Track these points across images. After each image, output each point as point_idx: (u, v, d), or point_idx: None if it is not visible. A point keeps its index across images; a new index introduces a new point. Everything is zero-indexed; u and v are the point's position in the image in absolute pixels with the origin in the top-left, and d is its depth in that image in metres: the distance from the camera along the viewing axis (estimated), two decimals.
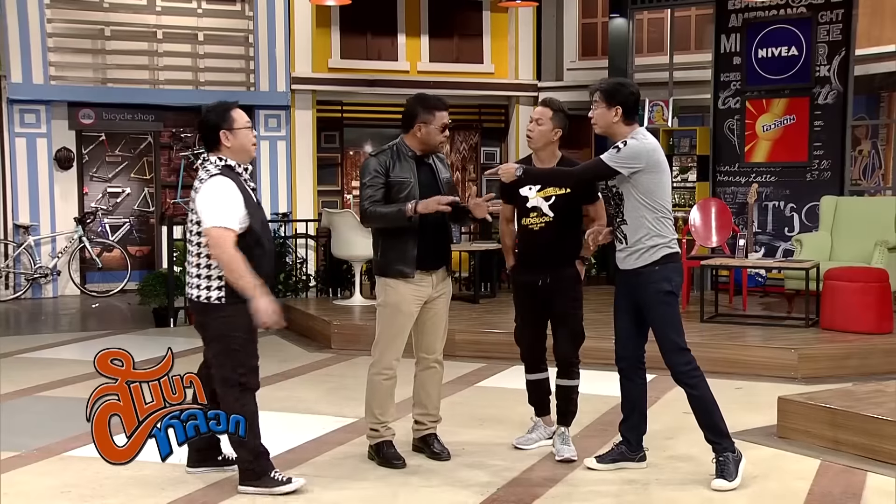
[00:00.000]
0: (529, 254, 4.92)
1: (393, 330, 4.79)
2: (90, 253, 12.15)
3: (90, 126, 12.19)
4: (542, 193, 4.82)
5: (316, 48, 12.75)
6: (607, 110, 4.46)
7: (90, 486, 4.51)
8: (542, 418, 5.16)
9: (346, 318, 8.85)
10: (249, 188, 4.46)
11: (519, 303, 5.06)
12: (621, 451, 4.72)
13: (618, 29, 11.56)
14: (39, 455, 4.96)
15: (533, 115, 4.90)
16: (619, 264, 4.66)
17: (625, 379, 4.74)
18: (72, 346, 8.49)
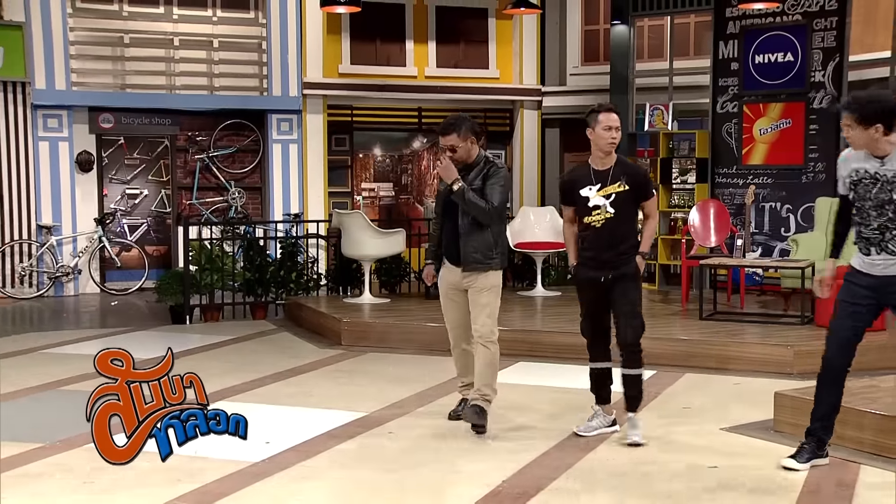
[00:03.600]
0: (594, 249, 5.14)
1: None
2: (109, 252, 12.32)
3: (110, 130, 12.36)
4: (601, 192, 5.09)
5: (327, 54, 12.92)
6: (865, 130, 4.31)
7: (112, 478, 4.51)
8: (602, 407, 5.34)
9: (356, 315, 8.94)
10: None
11: (583, 298, 5.30)
12: (812, 448, 4.65)
13: (619, 35, 11.70)
14: (63, 447, 5.00)
15: (612, 125, 5.14)
16: (877, 272, 4.44)
17: (833, 381, 4.58)
18: (92, 342, 8.58)
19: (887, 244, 4.36)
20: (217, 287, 9.95)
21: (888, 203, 4.33)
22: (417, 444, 5.21)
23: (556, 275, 11.20)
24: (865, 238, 4.43)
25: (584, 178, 5.18)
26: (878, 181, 4.35)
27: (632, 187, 5.09)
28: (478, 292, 5.39)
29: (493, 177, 5.35)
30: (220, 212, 12.94)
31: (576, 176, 5.28)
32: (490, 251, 5.37)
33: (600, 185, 5.11)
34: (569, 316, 8.74)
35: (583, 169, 5.25)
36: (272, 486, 4.49)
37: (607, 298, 5.18)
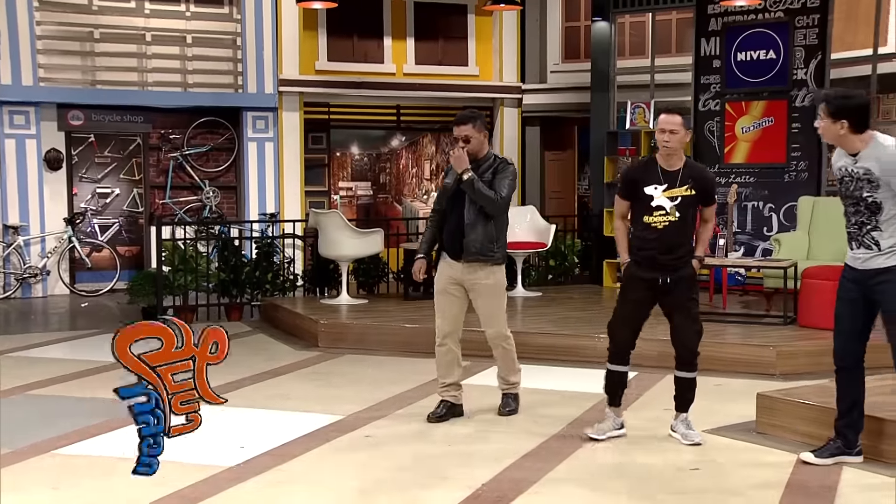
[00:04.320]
0: (651, 250, 5.05)
1: None
2: (79, 253, 12.15)
3: (79, 127, 12.20)
4: (667, 193, 5.00)
5: (303, 51, 12.81)
6: (833, 124, 4.44)
7: (80, 483, 4.54)
8: (614, 409, 5.28)
9: (333, 316, 8.88)
10: None
11: (628, 297, 5.18)
12: (838, 445, 4.70)
13: (600, 32, 11.67)
14: (29, 452, 4.96)
15: (665, 126, 5.03)
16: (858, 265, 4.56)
17: (845, 377, 4.67)
18: (61, 345, 8.52)
19: (863, 239, 4.49)
20: (191, 288, 9.88)
21: (860, 200, 4.46)
22: (395, 448, 5.18)
23: (537, 275, 11.11)
24: (848, 233, 4.58)
25: (651, 175, 5.07)
26: (853, 179, 4.48)
27: (698, 192, 5.03)
28: (484, 294, 5.56)
29: (503, 171, 5.52)
30: (194, 211, 12.79)
31: (642, 172, 5.17)
32: (491, 244, 5.50)
33: (667, 185, 5.02)
34: (549, 317, 8.72)
35: (650, 166, 5.13)
36: (247, 491, 4.47)
37: (658, 301, 5.13)
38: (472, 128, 5.50)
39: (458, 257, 5.53)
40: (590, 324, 8.41)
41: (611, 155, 11.32)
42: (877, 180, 4.38)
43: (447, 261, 5.61)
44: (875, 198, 4.40)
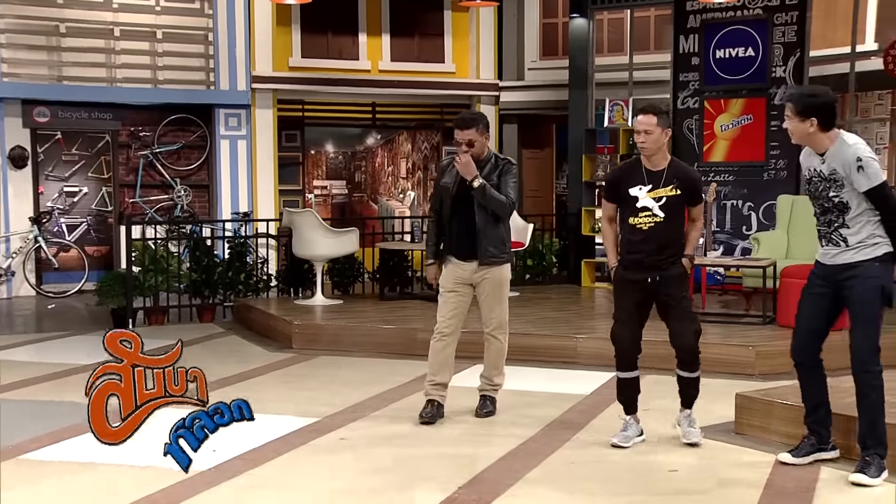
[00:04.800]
0: (638, 252, 4.99)
1: None
2: (46, 253, 11.96)
3: (45, 124, 11.99)
4: (652, 194, 4.94)
5: (276, 47, 12.66)
6: (801, 123, 4.45)
7: (51, 491, 4.46)
8: (632, 416, 5.19)
9: (308, 317, 8.80)
10: None
11: (623, 301, 5.10)
12: (812, 442, 4.72)
13: (578, 29, 11.61)
14: None
15: (639, 127, 4.97)
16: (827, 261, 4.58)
17: (806, 374, 4.71)
18: (27, 348, 8.38)
19: (832, 236, 4.53)
20: (162, 289, 9.76)
21: (828, 200, 4.51)
22: (371, 450, 5.13)
23: (515, 275, 11.00)
24: (818, 231, 4.63)
25: (634, 176, 5.02)
26: (822, 179, 4.51)
27: (684, 192, 4.96)
28: (490, 290, 5.59)
29: (508, 173, 5.53)
30: (164, 210, 12.61)
31: (625, 173, 5.12)
32: (504, 245, 5.58)
33: (652, 186, 4.96)
34: (527, 317, 8.65)
35: (634, 167, 5.08)
36: (220, 496, 4.42)
37: (652, 302, 5.07)
38: (475, 131, 5.47)
39: (469, 258, 5.54)
40: (568, 324, 8.36)
41: (589, 153, 11.26)
42: (842, 180, 4.42)
43: (455, 262, 5.60)
44: (841, 198, 4.45)
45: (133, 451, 5.00)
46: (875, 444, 4.51)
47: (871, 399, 4.51)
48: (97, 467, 4.75)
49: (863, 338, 4.50)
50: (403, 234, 11.43)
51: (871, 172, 4.39)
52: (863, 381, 4.51)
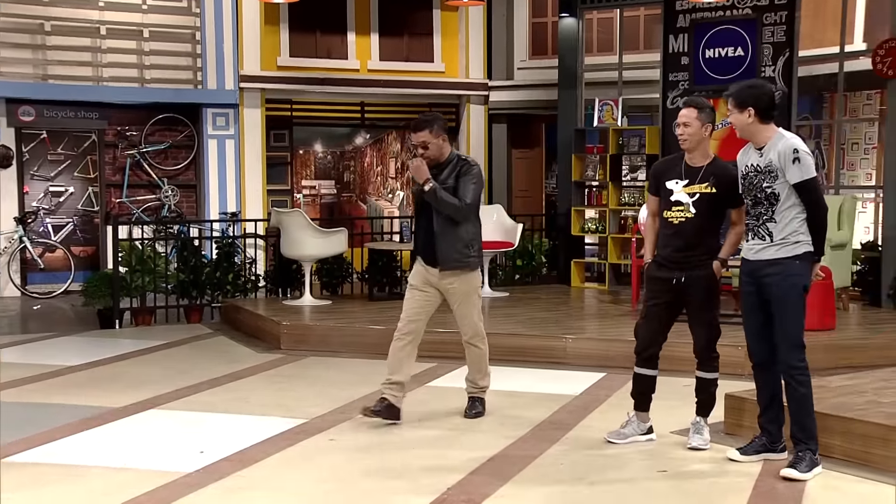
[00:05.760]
0: (667, 247, 4.98)
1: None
2: (31, 253, 11.84)
3: (31, 123, 11.87)
4: (687, 189, 4.92)
5: (264, 46, 12.58)
6: (741, 114, 4.57)
7: (34, 493, 4.43)
8: (638, 414, 5.18)
9: (296, 318, 8.76)
10: None
11: (649, 298, 5.11)
12: (763, 442, 4.78)
13: (568, 28, 11.60)
14: None
15: (679, 119, 4.95)
16: (751, 256, 4.65)
17: (760, 373, 4.76)
18: (12, 349, 8.29)
19: (759, 229, 4.61)
20: (149, 289, 9.72)
21: (761, 191, 4.58)
22: (360, 451, 5.11)
23: (504, 275, 11.01)
24: (746, 226, 4.72)
25: (673, 170, 5.02)
26: (757, 172, 4.60)
27: (719, 191, 4.88)
28: (460, 299, 5.52)
29: (467, 174, 5.40)
30: (152, 210, 12.52)
31: (666, 166, 5.12)
32: (467, 249, 5.44)
33: (688, 181, 4.93)
34: (517, 318, 8.63)
35: (676, 160, 5.06)
36: (207, 498, 4.38)
37: (679, 302, 5.02)
38: (428, 133, 5.39)
39: (433, 264, 5.48)
40: (557, 324, 8.34)
41: (578, 153, 11.25)
42: (776, 171, 4.51)
43: (422, 264, 5.56)
44: (774, 188, 4.53)
45: (120, 454, 5.00)
46: (806, 438, 4.58)
47: (798, 394, 4.57)
48: (84, 469, 4.73)
49: (785, 335, 4.56)
50: (392, 234, 11.39)
51: (805, 165, 4.49)
52: (788, 377, 4.59)
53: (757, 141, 4.61)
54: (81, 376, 7.11)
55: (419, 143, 5.41)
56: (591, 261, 11.55)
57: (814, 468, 4.53)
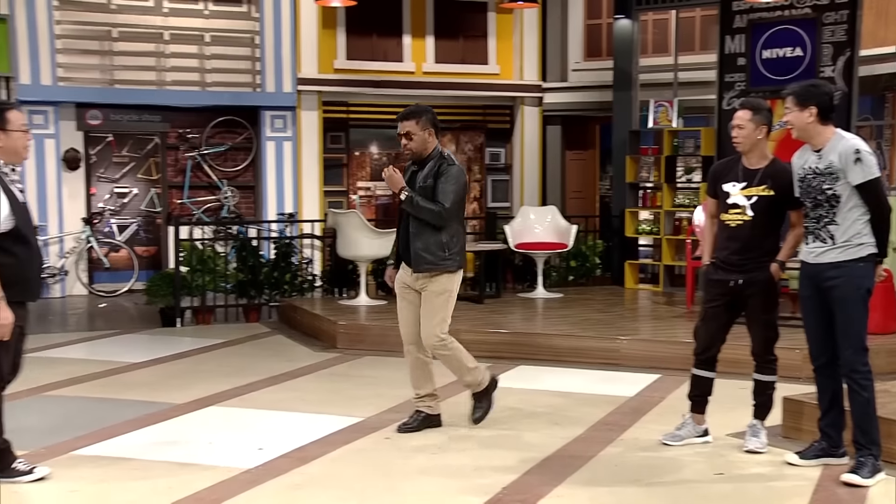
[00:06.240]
0: (724, 249, 4.94)
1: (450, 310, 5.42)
2: (97, 253, 12.11)
3: (98, 127, 12.15)
4: (744, 192, 4.88)
5: (322, 49, 12.73)
6: (801, 112, 4.54)
7: (99, 486, 4.53)
8: (694, 415, 5.16)
9: (352, 317, 8.82)
10: (16, 188, 4.49)
11: (707, 300, 5.10)
12: (822, 446, 4.73)
13: (622, 30, 11.55)
14: (46, 454, 4.95)
15: (734, 122, 4.94)
16: (811, 259, 4.61)
17: (822, 376, 4.70)
18: (79, 346, 8.50)
19: (820, 232, 4.54)
20: (209, 289, 9.86)
21: (821, 193, 4.52)
22: (415, 450, 5.12)
23: (558, 276, 11.00)
24: (806, 228, 4.66)
25: (731, 172, 4.98)
26: (817, 174, 4.55)
27: (777, 193, 4.84)
28: (428, 298, 5.28)
29: (444, 175, 5.19)
30: (211, 211, 12.73)
31: (723, 168, 5.08)
32: (442, 251, 5.23)
33: (746, 183, 4.90)
34: (570, 319, 8.64)
35: (734, 162, 5.03)
36: (265, 494, 4.44)
37: (738, 305, 4.99)
38: (414, 124, 5.21)
39: (409, 264, 5.33)
40: (612, 326, 8.32)
41: (633, 154, 11.20)
42: (837, 172, 4.45)
43: (403, 266, 5.41)
44: (835, 190, 4.47)
45: (181, 450, 5.13)
46: (868, 443, 4.51)
47: (860, 399, 4.51)
48: (148, 464, 4.84)
49: (847, 339, 4.50)
50: None
51: (867, 165, 4.42)
52: (851, 381, 4.52)
53: (815, 142, 4.56)
54: (144, 373, 7.26)
55: (403, 133, 5.23)
56: (645, 262, 11.49)
57: (876, 474, 4.46)
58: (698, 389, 5.14)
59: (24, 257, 4.37)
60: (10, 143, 4.40)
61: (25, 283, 4.41)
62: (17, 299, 4.37)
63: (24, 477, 4.50)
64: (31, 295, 4.49)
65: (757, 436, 5.03)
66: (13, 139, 4.40)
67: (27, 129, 4.48)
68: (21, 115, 4.47)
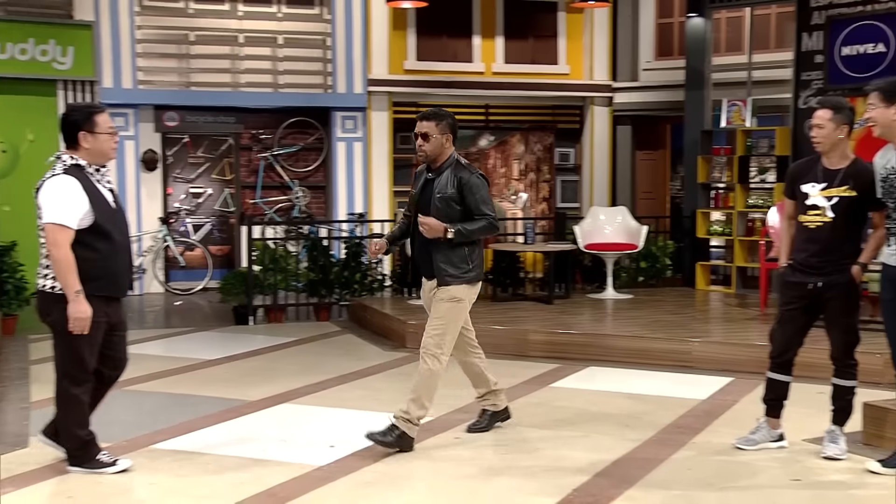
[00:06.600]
0: (803, 251, 4.84)
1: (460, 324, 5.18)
2: (173, 252, 12.36)
3: (174, 128, 12.42)
4: (824, 192, 4.78)
5: (392, 50, 12.82)
6: (887, 109, 4.46)
7: (175, 479, 4.63)
8: (769, 420, 5.09)
9: (421, 317, 8.73)
10: (105, 187, 4.60)
11: (784, 303, 4.99)
12: None
13: (695, 28, 11.39)
14: (128, 447, 5.07)
15: (812, 121, 4.87)
16: (892, 262, 4.54)
17: None
18: (156, 343, 8.68)
19: None
20: (280, 287, 9.96)
21: None
22: (485, 450, 5.14)
23: (628, 277, 10.90)
24: (888, 229, 4.55)
25: (810, 172, 4.87)
26: None
27: (859, 194, 4.74)
28: (438, 303, 5.07)
29: (470, 187, 5.00)
30: (283, 211, 12.90)
31: (802, 168, 4.98)
32: (465, 263, 5.05)
33: (826, 184, 4.79)
34: (640, 320, 8.55)
35: (813, 163, 4.92)
36: (338, 491, 4.48)
37: (816, 308, 4.89)
38: (434, 126, 5.04)
39: (430, 277, 5.13)
40: (683, 327, 8.21)
41: (705, 154, 11.04)
42: None
43: (424, 281, 5.21)
44: None
45: (255, 446, 5.22)
46: None
47: None
48: (223, 459, 4.92)
49: None
50: (516, 235, 11.43)
51: None
52: None
53: None
54: (219, 370, 7.40)
55: (420, 133, 5.05)
56: (717, 263, 11.31)
57: None
58: (774, 393, 5.04)
59: (106, 252, 4.50)
60: (97, 145, 4.54)
61: (109, 278, 4.53)
62: (101, 293, 4.50)
63: (107, 468, 4.64)
64: (115, 289, 4.61)
65: (836, 442, 4.91)
66: (100, 141, 4.55)
67: (114, 131, 4.62)
68: (108, 118, 4.61)
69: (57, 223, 4.37)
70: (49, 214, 4.39)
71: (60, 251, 4.36)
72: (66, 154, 4.56)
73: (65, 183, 4.43)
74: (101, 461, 4.65)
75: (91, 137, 4.52)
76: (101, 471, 4.63)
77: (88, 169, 4.54)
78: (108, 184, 4.65)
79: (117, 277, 4.58)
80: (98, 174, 4.58)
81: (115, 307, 4.63)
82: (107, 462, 4.66)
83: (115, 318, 4.65)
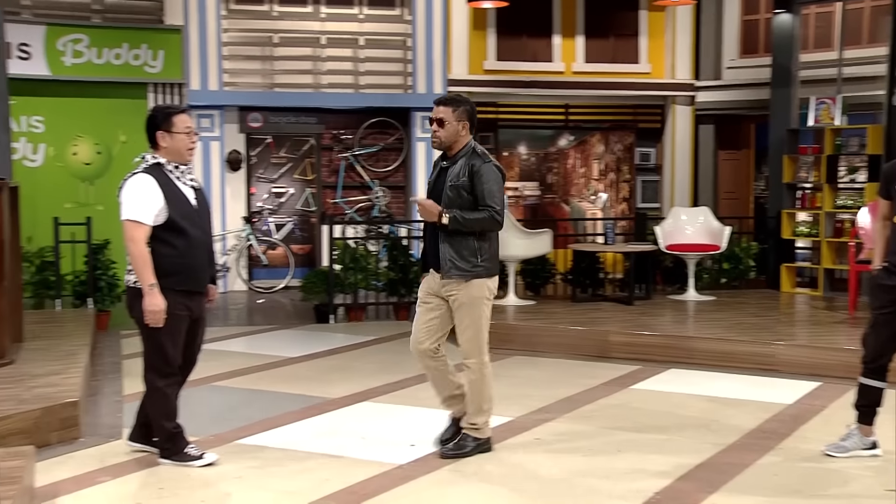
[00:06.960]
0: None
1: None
2: (256, 250, 12.57)
3: (258, 129, 12.64)
4: None
5: (472, 50, 12.84)
6: None
7: (261, 474, 4.71)
8: (861, 427, 4.94)
9: (501, 317, 8.82)
10: (188, 185, 4.71)
11: (876, 306, 4.86)
12: None
13: (782, 25, 11.12)
14: (215, 441, 5.18)
15: None
16: None
17: None
18: (240, 340, 8.83)
19: None
20: (361, 286, 10.03)
21: None
22: (565, 452, 5.09)
23: (710, 278, 10.71)
24: None
25: None
26: None
27: None
28: (459, 309, 4.84)
29: (480, 174, 4.76)
30: (363, 211, 13.02)
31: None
32: (474, 257, 4.79)
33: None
34: (724, 322, 8.39)
35: None
36: (418, 489, 4.51)
37: None
38: (450, 111, 4.81)
39: (437, 269, 4.87)
40: (767, 330, 8.05)
41: (791, 153, 10.78)
42: None
43: (431, 272, 4.94)
44: None
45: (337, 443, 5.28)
46: None
47: None
48: (305, 455, 5.00)
49: None
50: (596, 235, 11.34)
51: None
52: None
53: None
54: (301, 367, 7.50)
55: (436, 118, 4.84)
56: (803, 265, 11.03)
57: None
58: (866, 399, 4.88)
59: (182, 248, 4.63)
60: (173, 145, 4.68)
61: (187, 273, 4.65)
62: (181, 287, 4.63)
63: (195, 462, 4.77)
64: (194, 283, 4.73)
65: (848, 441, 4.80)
66: (177, 140, 4.68)
67: (191, 131, 4.73)
68: (186, 119, 4.73)
69: (132, 220, 4.53)
70: (126, 211, 4.55)
71: (136, 247, 4.52)
72: (149, 154, 4.71)
73: (142, 181, 4.58)
74: (189, 454, 4.78)
75: (168, 137, 4.67)
76: (189, 464, 4.75)
77: (168, 167, 4.68)
78: (191, 181, 4.77)
79: (195, 272, 4.70)
80: (178, 171, 4.71)
81: (197, 301, 4.76)
82: (194, 455, 4.78)
83: (198, 313, 4.77)
